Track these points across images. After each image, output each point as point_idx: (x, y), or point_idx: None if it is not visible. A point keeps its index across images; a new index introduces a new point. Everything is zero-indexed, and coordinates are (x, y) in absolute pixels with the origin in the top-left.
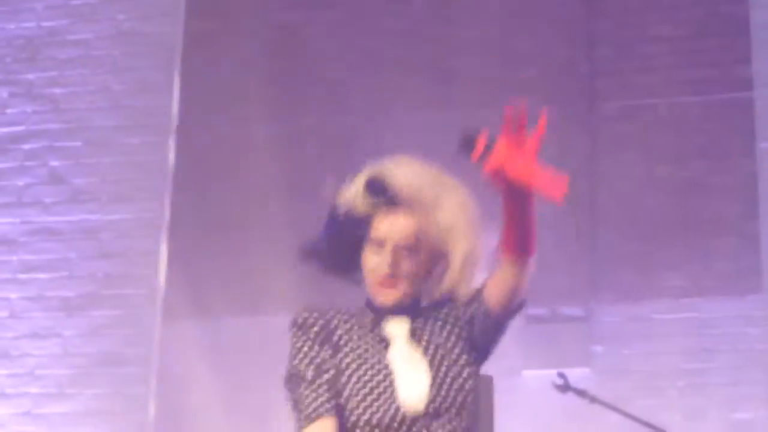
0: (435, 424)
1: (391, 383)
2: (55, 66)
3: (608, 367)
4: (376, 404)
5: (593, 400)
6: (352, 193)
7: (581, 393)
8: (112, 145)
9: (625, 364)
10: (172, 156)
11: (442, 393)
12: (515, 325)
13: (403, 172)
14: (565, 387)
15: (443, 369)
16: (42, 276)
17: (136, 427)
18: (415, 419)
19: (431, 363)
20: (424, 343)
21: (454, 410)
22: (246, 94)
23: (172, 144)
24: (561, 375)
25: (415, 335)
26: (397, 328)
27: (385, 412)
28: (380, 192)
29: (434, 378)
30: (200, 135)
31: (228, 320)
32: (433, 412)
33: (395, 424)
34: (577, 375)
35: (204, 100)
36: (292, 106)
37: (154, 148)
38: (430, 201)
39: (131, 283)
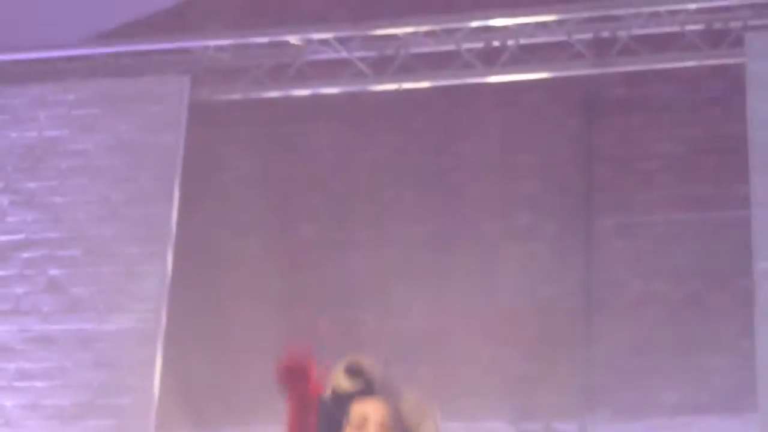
0: None
1: None
2: (56, 175)
3: None
4: None
5: None
6: (334, 377)
7: None
8: (111, 254)
9: None
10: (169, 266)
11: None
12: None
13: (372, 365)
14: None
15: None
16: (38, 384)
17: None
18: None
19: None
20: None
21: None
22: (245, 205)
23: (170, 254)
24: None
25: None
26: None
27: None
28: (358, 374)
29: None
30: (198, 245)
31: (222, 430)
32: None
33: None
34: None
35: (203, 211)
36: (290, 216)
37: (153, 257)
38: (397, 391)
39: (126, 392)
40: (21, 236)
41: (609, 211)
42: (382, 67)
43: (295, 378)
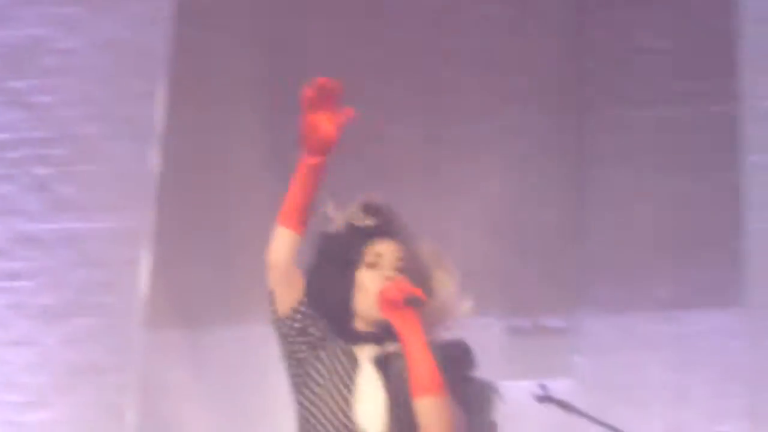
0: None
1: (352, 398)
2: (41, 74)
3: (590, 378)
4: (333, 417)
5: (574, 411)
6: (349, 212)
7: (562, 404)
8: (97, 153)
9: (608, 376)
10: (157, 164)
11: (401, 420)
12: (497, 335)
13: (390, 207)
14: (545, 398)
15: (402, 398)
16: (23, 284)
17: None
18: None
19: (392, 390)
20: (391, 373)
21: None
22: (233, 104)
23: (157, 152)
24: (542, 386)
25: (382, 362)
26: (367, 353)
27: (341, 427)
28: (376, 212)
29: (393, 405)
30: (186, 143)
31: (211, 329)
32: None
33: None
34: (558, 386)
35: (190, 109)
36: (281, 116)
37: (139, 156)
38: (413, 237)
39: (113, 291)
40: (6, 135)
41: (600, 106)
42: None
43: (325, 102)
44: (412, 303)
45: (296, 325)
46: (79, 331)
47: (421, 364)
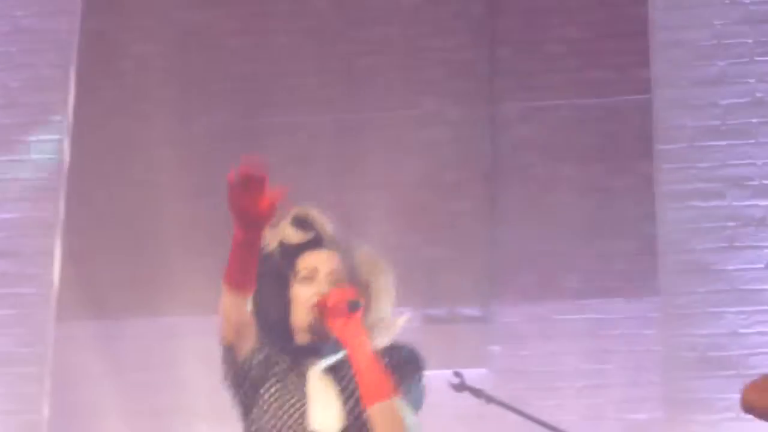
0: None
1: (304, 408)
2: None
3: (506, 367)
4: (287, 424)
5: (490, 399)
6: (281, 229)
7: (477, 392)
8: (7, 142)
9: (523, 365)
10: (67, 154)
11: (355, 425)
12: (412, 324)
13: (322, 217)
14: (461, 386)
15: (354, 402)
16: None
17: (29, 427)
18: None
19: (345, 396)
20: (339, 378)
21: None
22: (144, 93)
23: (67, 142)
24: (457, 374)
25: (331, 371)
26: (315, 364)
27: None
28: (307, 225)
29: (347, 410)
30: (96, 134)
31: (123, 321)
32: None
33: None
34: (474, 375)
35: (101, 99)
36: (190, 105)
37: (50, 146)
38: (348, 243)
39: (25, 282)
40: None
41: (512, 95)
42: None
43: (251, 187)
44: (352, 308)
45: (254, 361)
46: None
47: (368, 371)
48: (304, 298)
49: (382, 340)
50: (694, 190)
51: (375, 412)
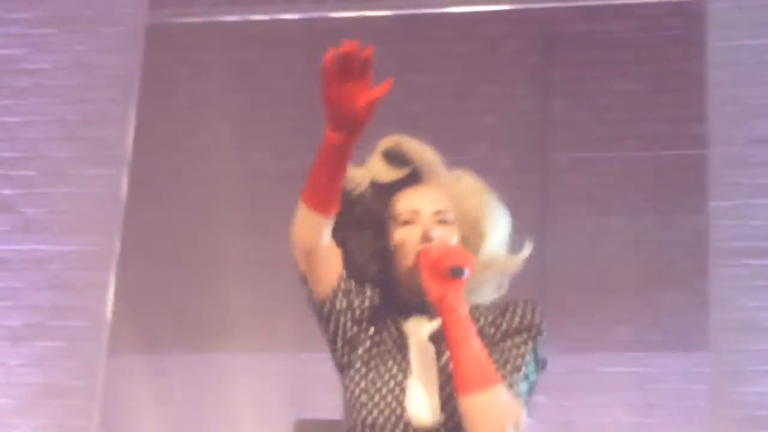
0: None
1: (403, 386)
2: (11, 94)
3: (551, 418)
4: (382, 410)
5: None
6: (370, 165)
7: None
8: (66, 175)
9: (568, 416)
10: (124, 189)
11: (457, 411)
12: None
13: (418, 145)
14: None
15: (451, 385)
16: None
17: None
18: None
19: (448, 376)
20: (440, 352)
21: None
22: (200, 129)
23: (125, 177)
24: None
25: (437, 339)
26: (418, 329)
27: (389, 420)
28: (401, 158)
29: (449, 396)
30: (154, 169)
31: (174, 356)
32: (445, 430)
33: None
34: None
35: (159, 134)
36: (246, 141)
37: (107, 180)
38: (453, 177)
39: (78, 315)
40: None
41: (565, 146)
42: None
43: (351, 75)
44: (457, 274)
45: (339, 305)
46: (44, 354)
47: (465, 357)
48: (410, 242)
49: (493, 291)
50: (747, 248)
51: (469, 405)
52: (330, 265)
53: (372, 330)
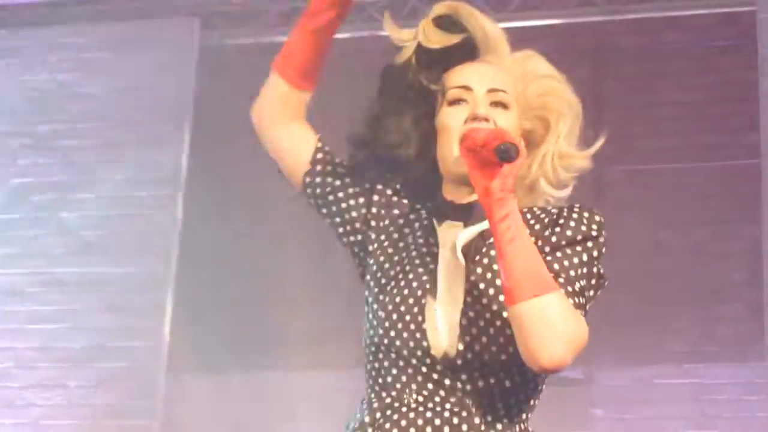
0: (466, 377)
1: (422, 313)
2: (66, 119)
3: (608, 430)
4: (400, 332)
5: None
6: (419, 30)
7: None
8: (122, 198)
9: (625, 428)
10: (180, 210)
11: (481, 341)
12: None
13: (478, 14)
14: None
15: (491, 310)
16: (48, 327)
17: None
18: (446, 362)
19: (477, 296)
20: (480, 265)
21: (497, 365)
22: (256, 151)
23: (180, 198)
24: None
25: (472, 249)
26: (451, 239)
27: (407, 344)
28: (454, 25)
29: (474, 319)
30: (209, 190)
31: (233, 374)
32: (464, 362)
33: (419, 363)
34: None
35: (214, 155)
36: None
37: (163, 202)
38: (519, 56)
39: (137, 335)
40: (31, 179)
41: (617, 158)
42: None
43: None
44: (505, 156)
45: (314, 199)
46: (104, 375)
47: (517, 257)
48: (455, 125)
49: (552, 192)
50: None
51: (524, 312)
52: (296, 146)
53: (390, 230)
